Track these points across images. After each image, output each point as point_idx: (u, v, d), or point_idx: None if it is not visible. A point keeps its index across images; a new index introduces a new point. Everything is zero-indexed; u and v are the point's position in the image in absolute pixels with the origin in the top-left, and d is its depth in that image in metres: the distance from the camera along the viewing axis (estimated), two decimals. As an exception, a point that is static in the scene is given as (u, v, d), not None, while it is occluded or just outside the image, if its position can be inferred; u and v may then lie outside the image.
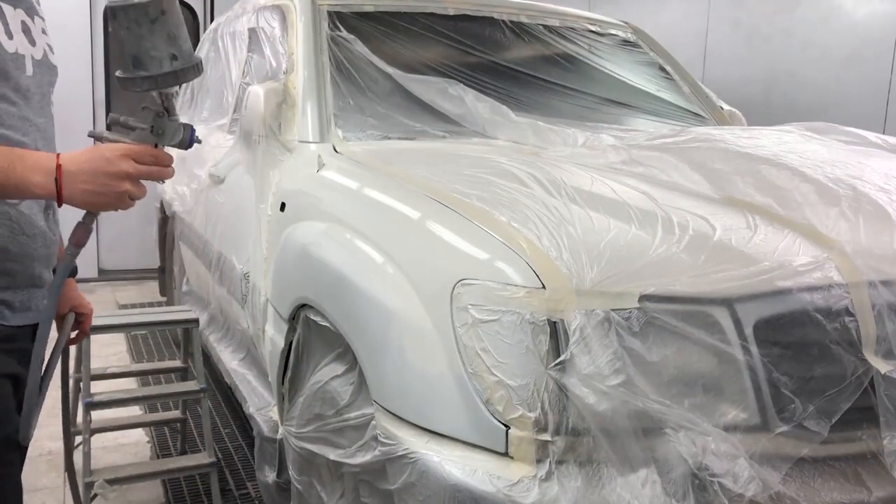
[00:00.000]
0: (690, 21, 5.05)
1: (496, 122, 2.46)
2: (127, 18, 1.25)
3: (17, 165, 1.21)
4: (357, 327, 1.69)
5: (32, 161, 1.23)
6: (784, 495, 1.32)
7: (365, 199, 1.94)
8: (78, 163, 1.24)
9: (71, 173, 1.23)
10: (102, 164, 1.25)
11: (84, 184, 1.24)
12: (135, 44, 1.26)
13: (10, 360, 1.34)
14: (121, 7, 1.25)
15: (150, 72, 1.28)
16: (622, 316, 1.36)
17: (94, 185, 1.25)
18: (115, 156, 1.26)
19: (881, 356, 1.43)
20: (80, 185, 1.24)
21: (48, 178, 1.22)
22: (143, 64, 1.27)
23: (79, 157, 1.25)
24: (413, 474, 1.44)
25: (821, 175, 1.82)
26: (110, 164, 1.25)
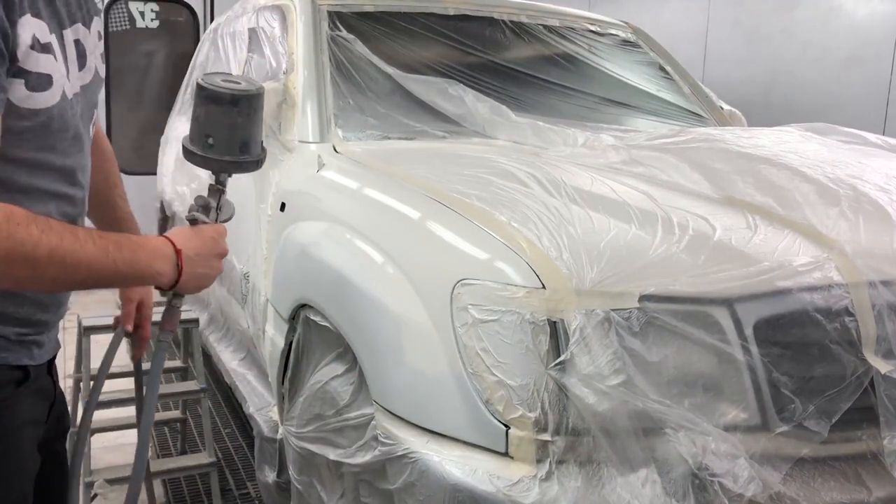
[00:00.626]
0: (690, 21, 5.06)
1: (496, 123, 2.46)
2: (249, 106, 1.31)
3: (140, 255, 1.16)
4: (357, 327, 1.69)
5: (152, 248, 1.18)
6: (784, 495, 1.32)
7: (365, 199, 1.94)
8: (193, 247, 1.23)
9: (190, 259, 1.22)
10: (212, 246, 1.27)
11: (199, 268, 1.24)
12: (248, 130, 1.32)
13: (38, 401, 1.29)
14: (245, 96, 1.30)
15: (253, 156, 1.34)
16: (622, 316, 1.36)
17: (206, 267, 1.26)
18: (220, 236, 1.29)
19: (881, 356, 1.43)
20: (196, 269, 1.23)
21: (171, 266, 1.19)
22: (250, 149, 1.34)
23: (190, 241, 1.24)
24: (413, 474, 1.44)
25: (821, 175, 1.82)
26: (218, 246, 1.28)
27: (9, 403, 1.19)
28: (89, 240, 1.08)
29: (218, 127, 1.31)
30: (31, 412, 1.25)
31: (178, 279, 1.20)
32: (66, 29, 1.18)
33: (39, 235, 1.02)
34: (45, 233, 1.03)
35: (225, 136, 1.32)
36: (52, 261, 1.04)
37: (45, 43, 1.10)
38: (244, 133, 1.32)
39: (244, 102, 1.30)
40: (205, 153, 1.33)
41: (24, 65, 1.06)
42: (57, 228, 1.05)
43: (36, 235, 1.02)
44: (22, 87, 1.08)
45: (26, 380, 1.21)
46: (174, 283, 1.21)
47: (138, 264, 1.15)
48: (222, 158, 1.33)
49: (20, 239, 1.00)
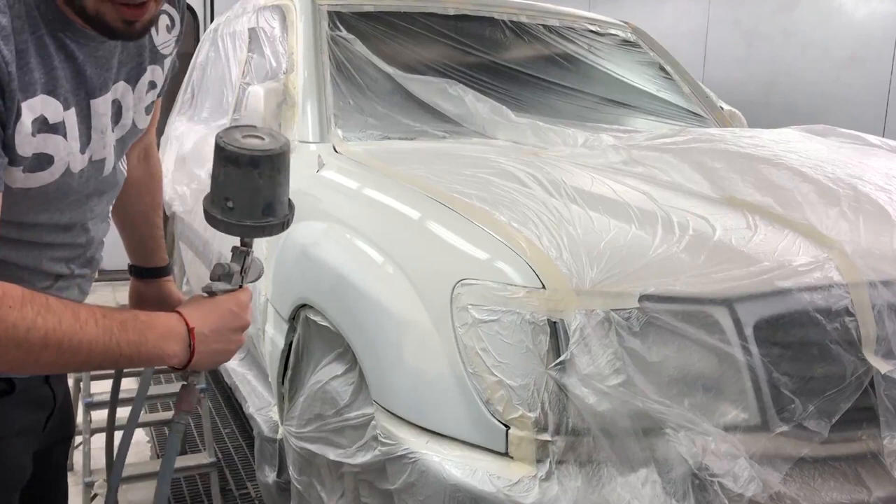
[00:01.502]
0: (690, 21, 5.06)
1: (496, 123, 2.46)
2: (272, 167, 1.19)
3: (149, 335, 1.07)
4: (357, 327, 1.69)
5: (163, 328, 1.10)
6: (784, 495, 1.32)
7: (365, 200, 1.94)
8: (207, 323, 1.14)
9: (203, 336, 1.13)
10: (231, 320, 1.17)
11: (214, 344, 1.15)
12: (272, 191, 1.21)
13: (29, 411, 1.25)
14: (267, 156, 1.18)
15: (278, 218, 1.23)
16: (622, 316, 1.36)
17: (223, 342, 1.17)
18: (240, 308, 1.19)
19: (881, 356, 1.43)
20: (211, 347, 1.14)
21: (183, 345, 1.11)
22: (275, 212, 1.22)
23: (205, 317, 1.15)
24: (413, 474, 1.44)
25: (821, 175, 1.82)
26: (237, 319, 1.18)
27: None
28: (91, 320, 1.01)
29: (238, 190, 1.19)
30: (21, 422, 1.21)
31: (191, 359, 1.12)
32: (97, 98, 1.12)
33: (34, 318, 0.95)
34: (42, 314, 0.96)
35: (246, 199, 1.20)
36: (48, 344, 0.97)
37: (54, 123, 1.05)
38: (267, 195, 1.21)
39: (266, 164, 1.18)
40: (225, 217, 1.21)
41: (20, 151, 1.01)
42: (56, 309, 0.98)
43: (30, 318, 0.95)
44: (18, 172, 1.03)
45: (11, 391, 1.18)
46: (187, 363, 1.13)
47: (145, 346, 1.06)
48: (243, 223, 1.21)
49: (12, 322, 0.94)
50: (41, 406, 1.28)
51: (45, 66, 1.03)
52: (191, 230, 3.45)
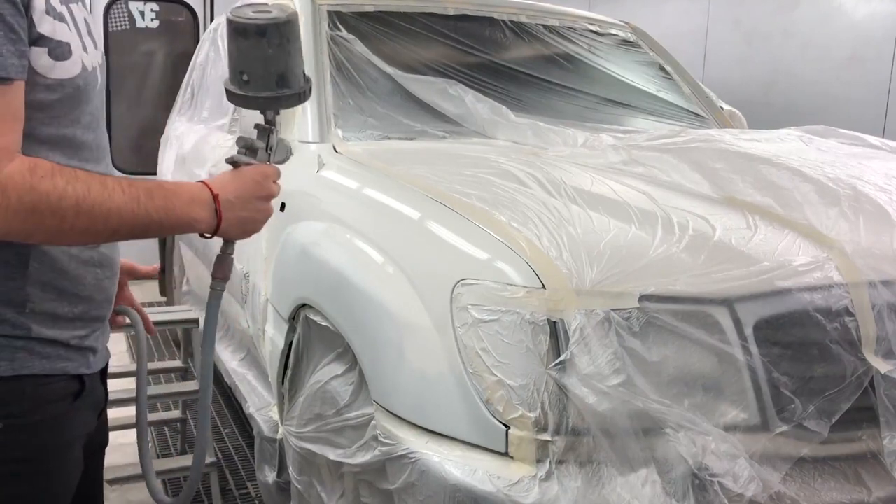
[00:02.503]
0: (690, 21, 5.05)
1: (496, 123, 2.46)
2: (279, 35, 1.21)
3: (175, 202, 1.11)
4: (357, 327, 1.69)
5: (188, 195, 1.14)
6: (784, 495, 1.32)
7: (365, 199, 1.94)
8: (231, 190, 1.18)
9: (228, 202, 1.17)
10: (253, 188, 1.21)
11: (241, 211, 1.19)
12: (283, 61, 1.23)
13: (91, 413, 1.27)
14: (273, 24, 1.20)
15: (294, 89, 1.26)
16: (622, 316, 1.36)
17: (249, 211, 1.21)
18: (265, 178, 1.23)
19: (881, 356, 1.43)
20: (238, 214, 1.19)
21: (210, 211, 1.15)
22: (288, 82, 1.25)
23: (229, 185, 1.19)
24: (413, 474, 1.44)
25: (821, 175, 1.82)
26: (261, 188, 1.22)
27: (65, 418, 1.16)
28: (118, 188, 1.05)
29: (250, 61, 1.24)
30: (85, 426, 1.23)
31: (219, 225, 1.17)
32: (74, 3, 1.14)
33: (65, 186, 1.00)
34: (71, 183, 1.01)
35: (259, 70, 1.24)
36: (80, 211, 1.01)
37: (59, 11, 1.07)
38: (279, 65, 1.24)
39: (273, 32, 1.21)
40: (242, 91, 1.26)
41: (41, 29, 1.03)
42: (83, 178, 1.03)
43: (61, 187, 1.00)
44: (45, 56, 1.05)
45: (82, 391, 1.19)
46: (215, 229, 1.17)
47: (173, 211, 1.11)
48: (260, 95, 1.25)
49: (45, 191, 0.98)
50: (96, 407, 1.30)
51: None
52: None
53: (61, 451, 1.17)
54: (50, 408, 1.13)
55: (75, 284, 1.14)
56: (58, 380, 1.14)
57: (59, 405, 1.15)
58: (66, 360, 1.15)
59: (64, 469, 1.19)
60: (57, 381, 1.14)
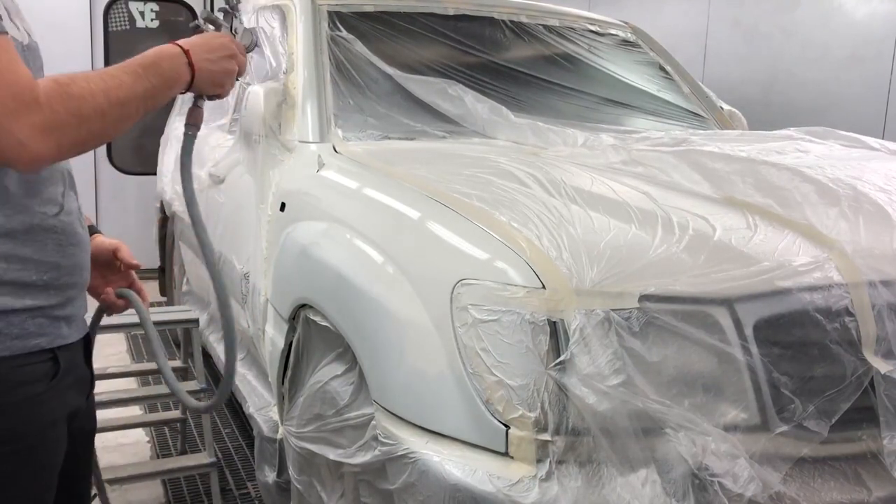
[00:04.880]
0: (690, 21, 5.05)
1: (496, 123, 2.46)
2: None
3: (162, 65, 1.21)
4: (357, 327, 1.69)
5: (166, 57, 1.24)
6: (784, 495, 1.32)
7: (365, 199, 1.94)
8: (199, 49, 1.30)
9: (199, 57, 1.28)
10: (220, 47, 1.34)
11: (209, 64, 1.31)
12: None
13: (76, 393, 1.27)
14: None
15: None
16: (622, 316, 1.36)
17: (217, 65, 1.33)
18: (225, 40, 1.37)
19: (881, 356, 1.43)
20: (207, 66, 1.30)
21: (185, 65, 1.26)
22: None
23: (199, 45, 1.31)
24: (413, 474, 1.44)
25: (821, 175, 1.82)
26: (225, 48, 1.35)
27: (44, 398, 1.17)
28: (120, 72, 1.14)
29: None
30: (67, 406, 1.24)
31: (192, 77, 1.28)
32: None
33: (88, 86, 1.06)
34: (90, 81, 1.07)
35: None
36: (111, 102, 1.09)
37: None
38: None
39: None
40: None
41: None
42: (92, 76, 1.09)
43: (86, 87, 1.06)
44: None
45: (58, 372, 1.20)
46: (190, 83, 1.28)
47: (164, 74, 1.21)
48: None
49: (78, 94, 1.04)
50: (82, 389, 1.31)
51: None
52: (191, 230, 3.45)
53: (41, 431, 1.18)
54: (25, 389, 1.14)
55: (37, 251, 1.15)
56: (33, 359, 1.15)
57: (35, 386, 1.16)
58: (40, 336, 1.16)
59: (45, 448, 1.20)
60: (32, 362, 1.15)
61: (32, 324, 1.15)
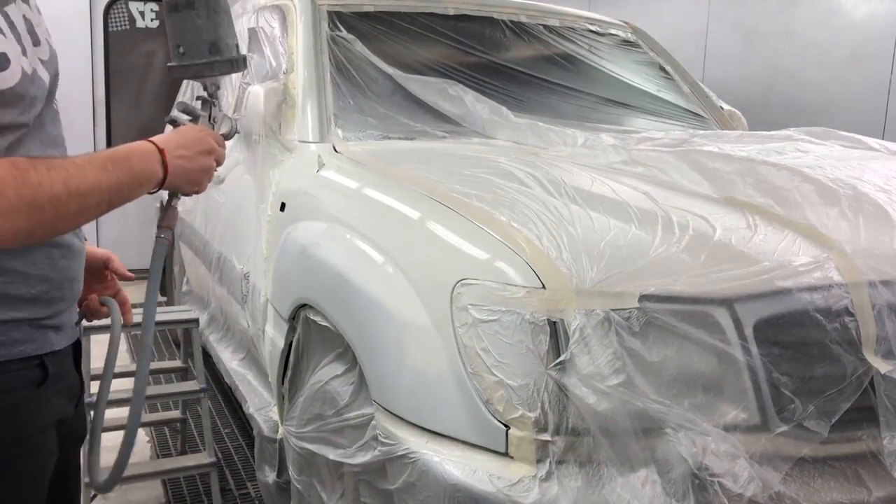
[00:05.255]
0: (690, 21, 5.05)
1: (496, 123, 2.46)
2: (207, 7, 1.36)
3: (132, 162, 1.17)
4: (357, 327, 1.69)
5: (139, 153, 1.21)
6: (784, 495, 1.32)
7: (365, 199, 1.94)
8: (175, 145, 1.26)
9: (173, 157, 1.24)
10: (197, 142, 1.30)
11: (186, 163, 1.27)
12: (213, 31, 1.38)
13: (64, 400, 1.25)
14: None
15: (225, 56, 1.39)
16: (622, 316, 1.36)
17: (193, 163, 1.29)
18: (204, 134, 1.33)
19: (881, 356, 1.43)
20: (183, 165, 1.26)
21: (158, 163, 1.22)
22: (220, 50, 1.38)
23: (174, 141, 1.27)
24: (413, 474, 1.44)
25: (821, 175, 1.82)
26: (202, 143, 1.31)
27: (30, 405, 1.15)
28: (85, 163, 1.10)
29: (183, 34, 1.38)
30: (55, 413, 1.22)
31: (165, 176, 1.24)
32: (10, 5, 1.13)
33: (48, 173, 1.02)
34: (52, 169, 1.04)
35: (191, 40, 1.38)
36: (70, 193, 1.05)
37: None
38: (209, 34, 1.37)
39: (201, 3, 1.36)
40: (180, 62, 1.39)
41: None
42: (57, 163, 1.06)
43: (45, 174, 1.02)
44: None
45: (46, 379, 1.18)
46: (163, 181, 1.24)
47: (134, 170, 1.17)
48: (194, 63, 1.38)
49: (35, 181, 1.00)
50: (72, 395, 1.30)
51: None
52: (191, 230, 3.45)
53: (29, 438, 1.16)
54: (12, 396, 1.12)
55: (27, 264, 1.13)
56: (17, 366, 1.13)
57: (21, 393, 1.14)
58: (25, 343, 1.14)
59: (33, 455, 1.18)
60: (17, 369, 1.13)
61: (18, 331, 1.13)
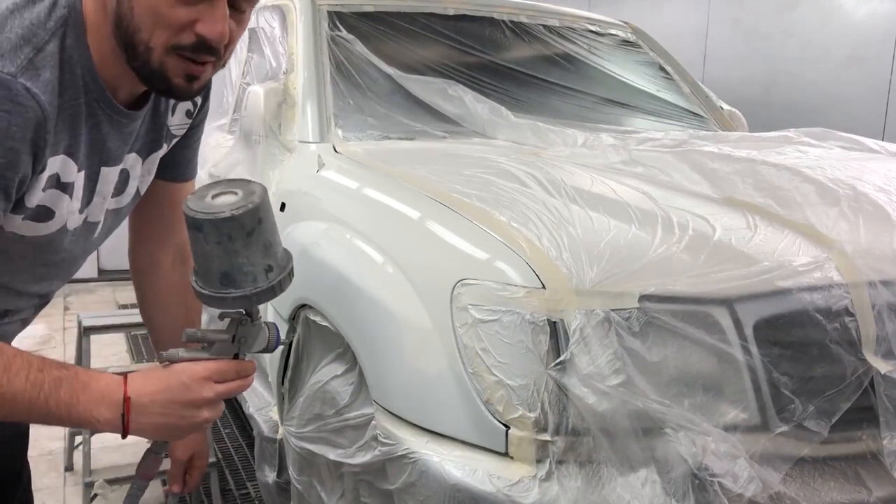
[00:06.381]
0: (690, 21, 5.06)
1: (495, 123, 2.46)
2: (217, 233, 1.04)
3: (81, 397, 1.03)
4: (357, 327, 1.69)
5: (98, 392, 1.04)
6: (784, 495, 1.32)
7: (365, 199, 1.94)
8: (150, 392, 1.06)
9: (142, 406, 1.06)
10: (180, 392, 1.08)
11: (158, 416, 1.07)
12: (226, 260, 1.06)
13: None
14: (209, 221, 1.03)
15: (243, 290, 1.08)
16: (622, 316, 1.36)
17: (170, 417, 1.08)
18: (194, 381, 1.09)
19: (881, 356, 1.43)
20: (153, 419, 1.07)
21: (115, 412, 1.05)
22: (236, 281, 1.07)
23: (151, 384, 1.07)
24: (413, 474, 1.44)
25: (821, 175, 1.82)
26: (189, 392, 1.08)
27: None
28: (23, 373, 0.98)
29: (195, 255, 1.09)
30: None
31: (126, 429, 1.06)
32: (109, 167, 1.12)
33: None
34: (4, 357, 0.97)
35: (202, 265, 1.09)
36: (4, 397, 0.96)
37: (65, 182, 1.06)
38: (221, 263, 1.06)
39: (209, 228, 1.03)
40: (194, 283, 1.12)
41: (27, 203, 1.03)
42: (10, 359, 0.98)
43: None
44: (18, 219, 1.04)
45: None
46: (124, 432, 1.06)
47: (75, 407, 1.02)
48: (203, 292, 1.10)
49: None
50: None
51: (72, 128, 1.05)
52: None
53: None
54: None
55: None
56: None
57: None
58: None
59: None
60: None
61: None
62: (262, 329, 1.17)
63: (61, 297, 5.05)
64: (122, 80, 1.09)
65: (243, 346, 1.15)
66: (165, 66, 1.04)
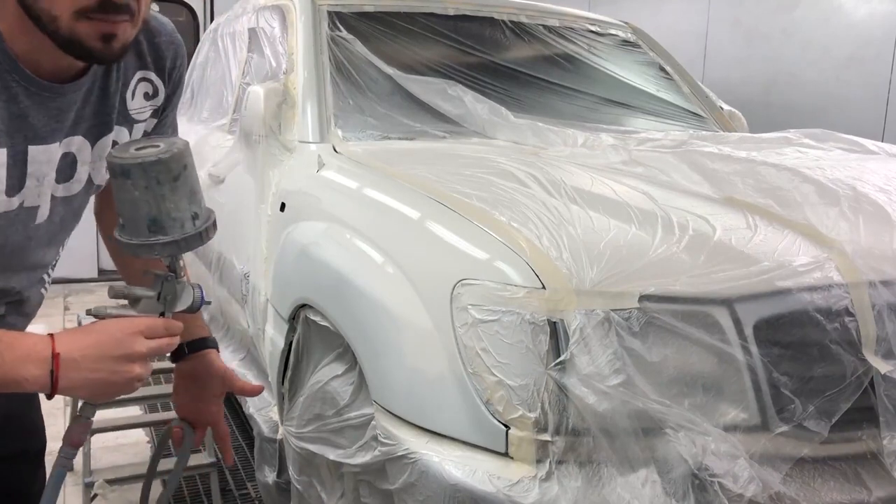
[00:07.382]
0: (690, 21, 5.06)
1: (495, 123, 2.46)
2: (145, 177, 1.06)
3: (6, 356, 0.98)
4: (357, 327, 1.69)
5: (24, 350, 1.00)
6: (784, 495, 1.32)
7: (365, 199, 1.95)
8: (80, 347, 1.03)
9: (72, 361, 1.01)
10: (112, 347, 1.04)
11: (89, 372, 1.03)
12: (154, 205, 1.08)
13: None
14: (137, 164, 1.05)
15: (171, 236, 1.10)
16: (622, 316, 1.36)
17: (101, 372, 1.04)
18: (126, 335, 1.06)
19: (881, 356, 1.43)
20: (84, 375, 1.02)
21: (44, 369, 1.00)
22: (164, 228, 1.10)
23: (80, 340, 1.04)
24: (413, 474, 1.44)
25: (821, 175, 1.82)
26: (121, 346, 1.05)
27: None
28: None
29: (122, 204, 1.10)
30: None
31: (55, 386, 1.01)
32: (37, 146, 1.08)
33: None
34: None
35: (128, 214, 1.09)
36: None
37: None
38: (149, 209, 1.08)
39: (137, 173, 1.05)
40: (119, 235, 1.11)
41: None
42: None
43: None
44: None
45: None
46: (52, 391, 1.02)
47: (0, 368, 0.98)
48: (131, 241, 1.10)
49: None
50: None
51: None
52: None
53: None
54: None
55: None
56: None
57: None
58: None
59: None
60: None
61: None
62: (186, 287, 1.19)
63: (61, 297, 5.05)
64: (41, 53, 1.05)
65: (169, 303, 1.17)
66: (76, 31, 1.00)
